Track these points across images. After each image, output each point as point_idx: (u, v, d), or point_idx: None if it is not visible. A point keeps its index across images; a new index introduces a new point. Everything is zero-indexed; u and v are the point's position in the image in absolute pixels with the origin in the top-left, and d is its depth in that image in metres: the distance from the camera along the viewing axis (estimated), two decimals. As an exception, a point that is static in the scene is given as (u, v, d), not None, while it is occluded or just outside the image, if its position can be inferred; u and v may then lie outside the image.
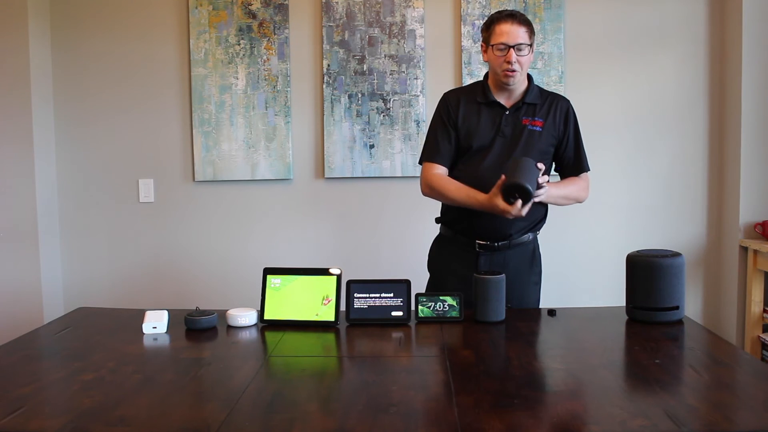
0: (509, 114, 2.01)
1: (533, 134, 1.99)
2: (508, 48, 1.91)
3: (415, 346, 1.60)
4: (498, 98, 2.02)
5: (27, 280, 2.98)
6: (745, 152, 2.87)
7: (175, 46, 3.07)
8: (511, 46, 1.91)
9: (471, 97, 2.05)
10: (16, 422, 1.14)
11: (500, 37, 1.92)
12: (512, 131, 2.00)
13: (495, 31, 1.94)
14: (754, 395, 1.24)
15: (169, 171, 3.11)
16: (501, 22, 1.93)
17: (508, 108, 2.01)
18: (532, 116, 2.00)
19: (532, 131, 1.99)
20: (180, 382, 1.35)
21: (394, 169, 3.02)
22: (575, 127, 2.06)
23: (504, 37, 1.91)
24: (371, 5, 2.99)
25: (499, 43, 1.92)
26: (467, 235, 2.03)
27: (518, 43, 1.91)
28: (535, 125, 2.00)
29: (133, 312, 1.92)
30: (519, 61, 1.92)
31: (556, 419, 1.13)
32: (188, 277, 3.12)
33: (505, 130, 2.00)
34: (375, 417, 1.15)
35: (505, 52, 1.92)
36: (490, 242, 2.02)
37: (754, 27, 2.83)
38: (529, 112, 2.01)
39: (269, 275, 1.82)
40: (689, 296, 3.02)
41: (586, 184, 2.09)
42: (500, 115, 2.01)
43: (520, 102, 2.01)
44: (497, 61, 1.94)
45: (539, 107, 2.02)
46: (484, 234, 2.02)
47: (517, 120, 2.00)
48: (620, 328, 1.72)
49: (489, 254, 2.03)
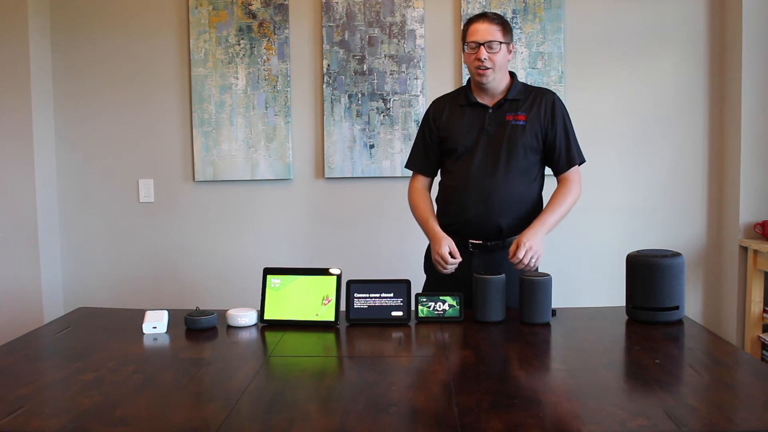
0: (492, 112, 2.01)
1: (516, 129, 1.99)
2: (479, 45, 1.94)
3: (415, 346, 1.60)
4: (480, 99, 2.04)
5: (27, 280, 2.98)
6: (745, 152, 2.87)
7: (175, 46, 3.07)
8: (481, 43, 1.93)
9: (455, 101, 2.09)
10: (16, 422, 1.14)
11: (471, 35, 1.96)
12: (495, 129, 2.00)
13: (468, 31, 1.98)
14: (754, 395, 1.24)
15: (169, 171, 3.11)
16: (474, 22, 1.98)
17: (491, 107, 2.02)
18: (515, 111, 2.00)
19: (515, 126, 1.99)
20: (180, 382, 1.35)
21: (394, 169, 3.02)
22: (563, 118, 2.03)
23: (475, 36, 1.95)
24: (371, 5, 2.99)
25: (470, 42, 1.96)
26: (460, 236, 2.03)
27: (489, 41, 1.93)
28: (518, 119, 2.00)
29: (133, 312, 1.92)
30: (491, 59, 1.94)
31: (556, 419, 1.13)
32: (188, 277, 3.12)
33: (489, 129, 2.01)
34: (375, 417, 1.15)
35: (476, 50, 1.95)
36: (482, 242, 2.02)
37: (754, 27, 2.83)
38: (513, 108, 2.01)
39: (269, 275, 1.82)
40: (689, 296, 3.02)
41: (572, 186, 2.03)
42: (484, 114, 2.02)
43: (503, 99, 2.01)
44: (469, 59, 1.98)
45: (522, 102, 2.02)
46: (476, 234, 2.02)
47: (501, 117, 2.01)
48: (620, 328, 1.72)
49: (482, 254, 2.03)
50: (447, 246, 1.96)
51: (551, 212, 1.97)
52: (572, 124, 2.06)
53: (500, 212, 1.98)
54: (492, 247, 2.02)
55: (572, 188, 2.02)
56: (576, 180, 2.05)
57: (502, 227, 2.00)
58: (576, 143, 2.05)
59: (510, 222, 1.99)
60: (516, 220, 2.00)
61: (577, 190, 2.04)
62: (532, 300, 1.73)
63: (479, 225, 2.00)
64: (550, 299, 1.75)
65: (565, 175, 2.05)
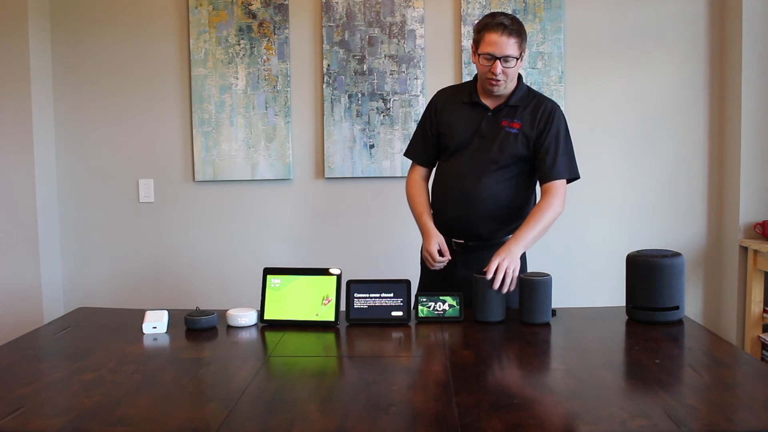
0: (491, 115, 2.00)
1: (508, 136, 1.96)
2: (495, 59, 1.88)
3: (415, 346, 1.60)
4: (483, 100, 2.01)
5: (27, 280, 2.98)
6: (745, 152, 2.87)
7: (175, 46, 3.07)
8: (497, 57, 1.87)
9: (458, 97, 2.06)
10: (16, 422, 1.14)
11: (487, 46, 1.88)
12: (490, 132, 1.99)
13: (484, 39, 1.89)
14: (754, 395, 1.24)
15: (169, 171, 3.11)
16: (491, 31, 1.87)
17: (491, 109, 2.00)
18: (511, 118, 1.98)
19: (508, 133, 1.97)
20: (180, 382, 1.35)
21: (394, 169, 3.02)
22: (558, 129, 1.95)
23: (491, 48, 1.87)
24: (371, 5, 2.99)
25: (486, 53, 1.89)
26: (444, 233, 2.01)
27: (505, 55, 1.87)
28: (512, 127, 1.97)
29: (133, 312, 1.92)
30: (505, 72, 1.89)
31: (556, 419, 1.13)
32: (188, 277, 3.12)
33: (484, 131, 1.99)
34: (375, 417, 1.15)
35: (491, 63, 1.89)
36: (464, 241, 2.02)
37: (754, 27, 2.83)
38: (510, 114, 1.98)
39: (269, 275, 1.82)
40: (689, 296, 3.02)
41: (553, 199, 1.92)
42: (482, 115, 2.01)
43: (503, 104, 1.99)
44: (483, 69, 1.93)
45: (521, 109, 1.98)
46: (457, 233, 2.02)
47: (497, 121, 1.99)
48: (620, 328, 1.72)
49: (465, 254, 2.02)
50: (437, 243, 1.96)
51: (529, 228, 1.88)
52: (569, 140, 1.99)
53: (481, 216, 1.97)
54: (473, 246, 2.02)
55: (553, 201, 1.92)
56: (558, 194, 1.93)
57: (480, 231, 1.99)
58: (568, 158, 1.97)
59: (490, 226, 1.99)
60: (497, 224, 1.99)
61: (558, 204, 1.92)
62: (532, 300, 1.73)
63: (459, 226, 2.01)
64: (550, 299, 1.75)
65: (547, 186, 1.94)
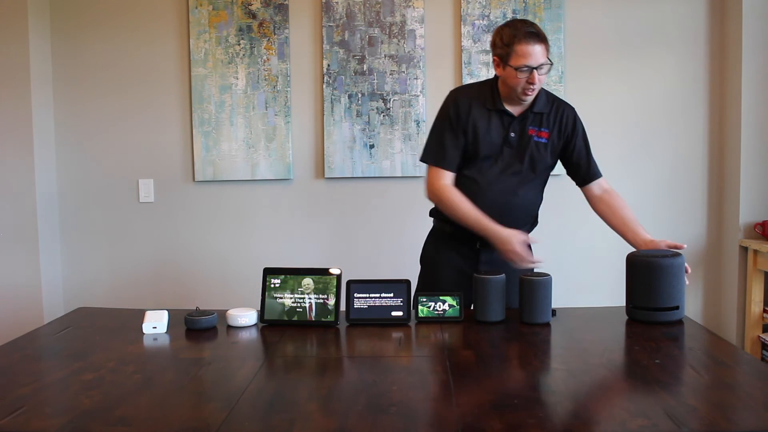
0: (516, 122, 1.98)
1: (539, 147, 1.98)
2: (531, 70, 1.85)
3: (415, 346, 1.60)
4: (507, 107, 1.97)
5: (27, 280, 2.98)
6: (745, 152, 2.87)
7: (175, 46, 3.07)
8: (534, 68, 1.85)
9: (480, 102, 1.99)
10: (16, 422, 1.14)
11: (523, 59, 1.84)
12: (518, 141, 1.98)
13: (516, 51, 1.85)
14: (754, 395, 1.23)
15: (169, 171, 3.11)
16: (522, 42, 1.84)
17: (516, 116, 1.98)
18: (538, 126, 1.98)
19: (537, 143, 1.98)
20: (180, 382, 1.35)
21: (394, 169, 3.02)
22: (583, 132, 2.04)
23: (526, 59, 1.84)
24: (371, 5, 2.99)
25: (522, 66, 1.84)
26: (467, 237, 2.01)
27: (541, 64, 1.86)
28: (541, 136, 1.98)
29: (133, 312, 1.92)
30: (539, 80, 1.88)
31: (556, 419, 1.13)
32: (188, 277, 3.12)
33: (512, 140, 1.97)
34: (375, 417, 1.15)
35: (528, 74, 1.85)
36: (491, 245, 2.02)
37: (754, 27, 2.83)
38: (536, 122, 1.98)
39: (269, 275, 1.82)
40: (689, 296, 3.02)
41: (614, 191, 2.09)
42: (508, 123, 1.98)
43: (528, 111, 1.97)
44: (517, 81, 1.87)
45: (546, 116, 1.98)
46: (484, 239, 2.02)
47: (524, 129, 1.98)
48: (620, 328, 1.72)
49: (489, 251, 2.02)
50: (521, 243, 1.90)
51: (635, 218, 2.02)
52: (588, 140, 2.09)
53: (514, 225, 1.95)
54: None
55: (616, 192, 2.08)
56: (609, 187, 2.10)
57: None
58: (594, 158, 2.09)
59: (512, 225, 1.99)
60: (524, 228, 2.01)
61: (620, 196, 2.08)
62: (532, 300, 1.73)
63: None
64: (550, 299, 1.75)
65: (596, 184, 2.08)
